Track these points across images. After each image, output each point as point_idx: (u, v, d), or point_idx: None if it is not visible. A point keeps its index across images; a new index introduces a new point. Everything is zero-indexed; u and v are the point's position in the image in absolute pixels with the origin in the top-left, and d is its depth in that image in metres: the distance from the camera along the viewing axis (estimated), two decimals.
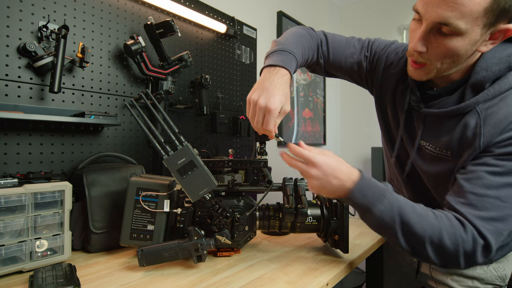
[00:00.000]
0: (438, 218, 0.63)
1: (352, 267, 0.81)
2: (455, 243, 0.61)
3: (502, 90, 0.63)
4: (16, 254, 0.71)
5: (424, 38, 0.63)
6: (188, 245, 0.74)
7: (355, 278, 2.11)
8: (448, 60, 0.64)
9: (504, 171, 0.61)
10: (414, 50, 0.65)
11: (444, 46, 0.61)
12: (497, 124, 0.62)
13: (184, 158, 0.73)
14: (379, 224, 0.65)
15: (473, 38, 0.60)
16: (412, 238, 0.63)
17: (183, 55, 1.27)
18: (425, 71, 0.68)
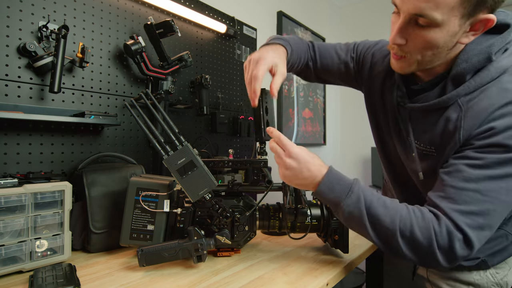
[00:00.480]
0: (410, 211, 0.62)
1: (352, 267, 0.81)
2: (427, 237, 0.59)
3: (483, 82, 0.62)
4: (16, 254, 0.71)
5: (402, 31, 0.62)
6: (188, 245, 0.74)
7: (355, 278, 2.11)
8: (428, 53, 0.63)
9: (484, 164, 0.59)
10: (393, 43, 0.65)
11: (422, 38, 0.61)
12: (476, 116, 0.61)
13: (184, 158, 0.73)
14: (349, 218, 0.65)
15: (451, 29, 0.59)
16: (382, 231, 0.62)
17: (183, 55, 1.27)
18: (406, 63, 0.67)
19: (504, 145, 0.58)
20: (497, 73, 0.62)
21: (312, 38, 2.46)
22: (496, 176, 0.59)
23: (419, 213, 0.62)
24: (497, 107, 0.60)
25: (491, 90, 0.62)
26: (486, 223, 0.59)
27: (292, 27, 2.22)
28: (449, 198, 0.61)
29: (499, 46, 0.62)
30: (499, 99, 0.60)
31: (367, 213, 0.63)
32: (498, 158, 0.58)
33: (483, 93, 0.62)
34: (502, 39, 0.62)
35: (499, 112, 0.59)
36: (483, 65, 0.63)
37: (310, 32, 2.44)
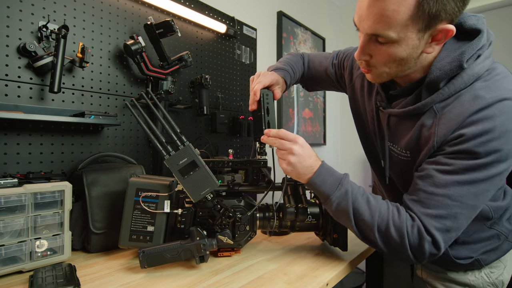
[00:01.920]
0: (390, 210, 0.67)
1: (352, 267, 0.81)
2: (400, 235, 0.64)
3: (457, 89, 0.63)
4: (16, 254, 0.71)
5: (365, 48, 0.65)
6: (190, 246, 0.74)
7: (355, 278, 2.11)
8: (393, 65, 0.65)
9: (453, 170, 0.61)
10: (358, 60, 0.68)
11: (384, 53, 0.63)
12: (449, 123, 0.62)
13: (185, 158, 0.73)
14: (336, 210, 0.70)
15: (411, 43, 0.60)
16: (362, 225, 0.68)
17: (183, 55, 1.26)
18: (375, 74, 0.70)
19: (472, 152, 0.60)
20: (470, 80, 0.62)
21: (312, 38, 2.46)
22: (464, 181, 0.61)
23: (396, 212, 0.66)
24: (469, 114, 0.60)
25: (464, 96, 0.62)
26: (454, 226, 0.62)
27: (292, 27, 2.22)
28: (421, 202, 0.64)
29: (471, 53, 0.62)
30: (471, 106, 0.61)
31: (351, 207, 0.68)
32: (466, 165, 0.60)
33: (457, 100, 0.63)
34: (473, 46, 0.62)
35: (470, 119, 0.60)
36: (455, 73, 0.63)
37: (310, 32, 2.43)
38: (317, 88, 1.13)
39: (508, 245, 0.78)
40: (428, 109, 0.66)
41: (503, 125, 0.58)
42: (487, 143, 0.59)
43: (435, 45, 0.63)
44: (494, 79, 0.62)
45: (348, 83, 0.95)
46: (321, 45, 2.61)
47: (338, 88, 1.04)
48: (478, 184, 0.61)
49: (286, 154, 0.72)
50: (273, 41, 2.08)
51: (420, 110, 0.67)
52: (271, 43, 2.05)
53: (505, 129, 0.58)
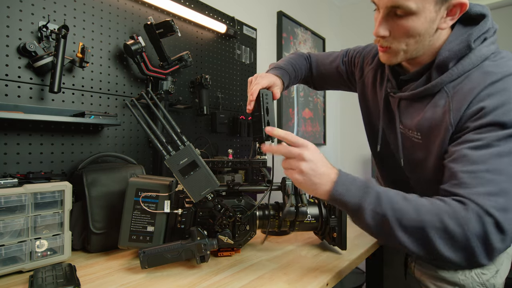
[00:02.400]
0: (434, 202, 0.58)
1: (352, 267, 0.81)
2: (459, 224, 0.54)
3: (466, 69, 0.65)
4: (16, 254, 0.71)
5: (384, 23, 0.67)
6: (191, 246, 0.74)
7: (355, 278, 2.11)
8: (411, 41, 0.66)
9: (487, 143, 0.59)
10: (376, 36, 0.69)
11: (403, 27, 0.65)
12: (463, 98, 0.63)
13: (186, 158, 0.73)
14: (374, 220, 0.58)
15: (428, 15, 0.62)
16: (410, 228, 0.56)
17: (183, 55, 1.26)
18: (392, 53, 0.70)
19: (498, 123, 0.59)
20: (478, 60, 0.65)
21: (312, 38, 2.46)
22: (502, 153, 0.57)
23: (442, 203, 0.57)
24: (482, 88, 0.62)
25: (474, 74, 0.65)
26: (509, 204, 0.55)
27: (292, 27, 2.22)
28: (464, 184, 0.58)
29: (477, 34, 0.66)
30: (482, 81, 0.62)
31: (391, 209, 0.57)
32: (497, 136, 0.58)
33: (467, 78, 0.65)
34: (479, 28, 0.66)
35: (484, 93, 0.61)
36: (464, 53, 0.66)
37: (310, 32, 2.43)
38: (327, 87, 1.12)
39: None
40: (439, 90, 0.68)
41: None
42: (509, 112, 0.58)
43: (450, 20, 0.65)
44: (500, 60, 0.65)
45: (358, 78, 0.95)
46: (321, 45, 2.61)
47: (349, 86, 1.03)
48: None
49: (296, 161, 0.62)
50: (273, 41, 2.08)
51: (430, 91, 0.69)
52: (271, 43, 2.05)
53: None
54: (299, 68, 1.02)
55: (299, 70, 1.02)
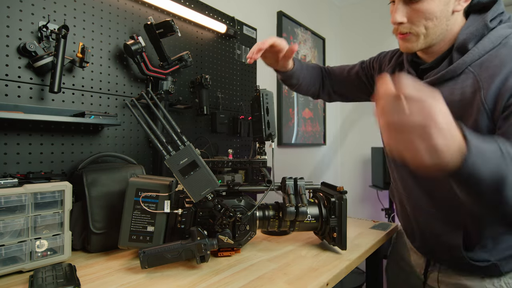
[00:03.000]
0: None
1: (352, 267, 0.81)
2: None
3: (487, 48, 0.66)
4: (16, 254, 0.71)
5: (400, 10, 0.69)
6: (191, 246, 0.74)
7: (355, 278, 2.11)
8: (429, 24, 0.68)
9: None
10: (394, 23, 0.71)
11: (419, 10, 0.67)
12: (494, 74, 0.62)
13: (186, 158, 0.73)
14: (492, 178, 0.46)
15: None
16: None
17: (183, 55, 1.26)
18: (412, 39, 0.71)
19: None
20: (498, 39, 0.65)
21: (312, 38, 2.46)
22: None
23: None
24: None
25: (501, 52, 0.64)
26: None
27: (292, 27, 2.22)
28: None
29: (493, 15, 0.67)
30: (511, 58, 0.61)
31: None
32: None
33: (493, 56, 0.65)
34: (493, 10, 0.67)
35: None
36: (482, 34, 0.67)
37: (310, 32, 2.43)
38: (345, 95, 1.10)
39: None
40: (462, 71, 0.68)
41: None
42: None
43: (464, 2, 0.67)
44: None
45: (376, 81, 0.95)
46: (321, 45, 2.61)
47: (370, 91, 1.02)
48: None
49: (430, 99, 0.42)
50: None
51: (453, 73, 0.69)
52: None
53: None
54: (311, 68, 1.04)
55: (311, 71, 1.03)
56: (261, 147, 0.95)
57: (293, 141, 2.22)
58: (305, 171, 2.42)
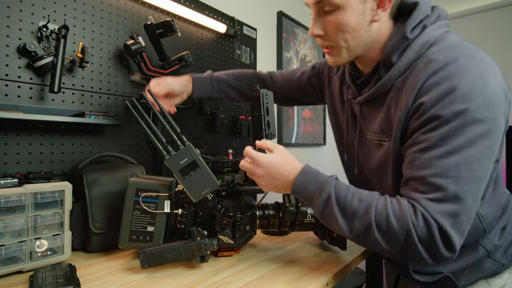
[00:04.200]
0: (387, 202, 0.58)
1: (352, 267, 0.81)
2: (404, 226, 0.55)
3: (411, 60, 0.63)
4: (16, 254, 0.71)
5: (317, 22, 0.67)
6: (191, 246, 0.74)
7: (355, 278, 2.11)
8: (347, 36, 0.65)
9: (431, 145, 0.56)
10: (312, 35, 0.69)
11: (334, 22, 0.64)
12: (408, 92, 0.60)
13: (186, 158, 0.73)
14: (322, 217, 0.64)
15: (355, 8, 0.62)
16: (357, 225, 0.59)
17: (183, 55, 1.26)
18: (336, 52, 0.69)
19: (437, 117, 0.55)
20: (422, 49, 0.62)
21: (312, 38, 2.46)
22: (447, 153, 0.55)
23: (396, 203, 0.58)
24: (425, 79, 0.58)
25: (419, 65, 0.61)
26: (460, 208, 0.54)
27: (292, 27, 2.22)
28: (415, 189, 0.57)
29: (413, 23, 0.63)
30: (426, 71, 0.59)
31: (339, 210, 0.61)
32: (440, 134, 0.55)
33: (413, 70, 0.62)
34: (413, 17, 0.64)
35: (428, 83, 0.58)
36: (403, 44, 0.64)
37: None
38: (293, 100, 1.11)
39: (491, 265, 0.69)
40: (391, 87, 0.66)
41: (462, 83, 0.54)
42: (451, 104, 0.54)
43: (381, 12, 0.64)
44: (446, 44, 0.61)
45: (327, 88, 0.94)
46: None
47: (320, 97, 1.01)
48: (463, 151, 0.54)
49: (254, 178, 0.70)
50: (273, 41, 2.08)
51: (383, 89, 0.67)
52: (271, 43, 2.05)
53: (466, 85, 0.54)
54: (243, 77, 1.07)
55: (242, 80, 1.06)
56: None
57: (293, 141, 2.22)
58: None
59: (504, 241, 0.70)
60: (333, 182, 0.64)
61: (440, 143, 0.55)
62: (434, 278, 0.69)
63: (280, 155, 0.69)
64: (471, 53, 0.58)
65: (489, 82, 0.55)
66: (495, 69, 0.59)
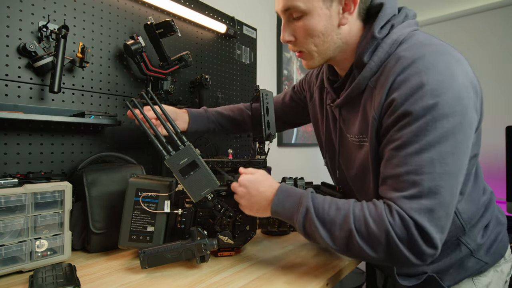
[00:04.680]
0: (364, 207, 0.59)
1: (352, 267, 0.81)
2: (383, 228, 0.55)
3: (382, 59, 0.64)
4: (16, 254, 0.71)
5: (286, 29, 0.70)
6: (191, 246, 0.74)
7: (355, 278, 2.11)
8: (316, 40, 0.67)
9: (404, 142, 0.56)
10: (284, 42, 0.72)
11: (302, 28, 0.66)
12: (380, 90, 0.62)
13: (186, 158, 0.73)
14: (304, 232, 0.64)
15: (321, 13, 0.64)
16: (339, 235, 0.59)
17: (183, 55, 1.26)
18: (308, 56, 0.71)
19: (408, 113, 0.56)
20: (391, 47, 0.63)
21: None
22: (420, 149, 0.55)
23: (372, 206, 0.59)
24: (395, 76, 0.59)
25: (389, 63, 0.63)
26: (436, 203, 0.54)
27: None
28: (391, 188, 0.58)
29: (380, 23, 0.65)
30: (395, 68, 0.60)
31: (319, 222, 0.61)
32: (412, 131, 0.56)
33: (385, 69, 0.63)
34: (380, 17, 0.65)
35: (398, 80, 0.59)
36: (372, 44, 0.65)
37: None
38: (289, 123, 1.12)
39: (475, 263, 0.69)
40: (366, 87, 0.67)
41: (431, 78, 0.55)
42: (420, 100, 0.55)
43: (348, 15, 0.65)
44: (415, 41, 0.62)
45: (309, 101, 0.96)
46: None
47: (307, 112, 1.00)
48: (437, 146, 0.54)
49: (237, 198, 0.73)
50: (273, 41, 2.08)
51: (358, 89, 0.68)
52: (271, 43, 2.05)
53: (435, 80, 0.55)
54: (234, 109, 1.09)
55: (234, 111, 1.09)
56: (261, 147, 0.95)
57: (293, 141, 2.22)
58: (305, 171, 2.42)
59: (486, 239, 0.70)
60: (310, 195, 0.64)
61: (413, 139, 0.56)
62: (419, 280, 0.69)
63: (259, 175, 0.72)
64: (439, 49, 0.59)
65: (458, 76, 0.56)
66: (463, 63, 0.59)
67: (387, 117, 0.60)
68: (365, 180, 0.71)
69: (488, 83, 2.01)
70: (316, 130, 0.95)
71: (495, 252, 0.72)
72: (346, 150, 0.78)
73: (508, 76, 1.97)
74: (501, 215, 0.77)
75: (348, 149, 0.77)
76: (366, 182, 0.71)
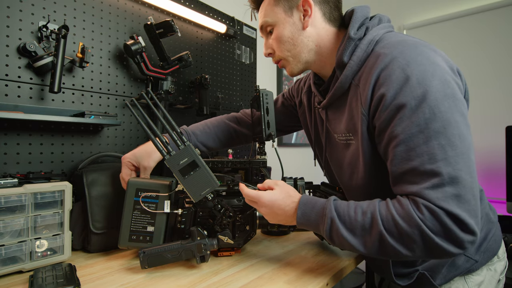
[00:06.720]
0: (389, 205, 0.57)
1: (352, 267, 0.81)
2: (414, 225, 0.53)
3: (362, 58, 0.67)
4: (16, 254, 0.71)
5: (266, 44, 0.80)
6: (191, 246, 0.74)
7: (355, 278, 2.11)
8: (288, 46, 0.75)
9: (408, 135, 0.56)
10: (266, 56, 0.81)
11: (274, 39, 0.76)
12: (365, 86, 0.64)
13: (186, 158, 0.73)
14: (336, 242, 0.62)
15: (286, 21, 0.73)
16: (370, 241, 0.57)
17: (183, 55, 1.26)
18: (287, 64, 0.78)
19: (402, 105, 0.57)
20: (369, 46, 0.67)
21: None
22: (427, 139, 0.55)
23: (397, 204, 0.57)
24: (378, 73, 0.61)
25: (369, 61, 0.66)
26: (459, 187, 0.53)
27: None
28: (409, 182, 0.56)
29: (355, 26, 0.70)
30: (377, 64, 0.62)
31: (347, 230, 0.60)
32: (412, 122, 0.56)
33: (366, 67, 0.66)
34: (353, 22, 0.70)
35: (382, 77, 0.60)
36: (350, 45, 0.69)
37: None
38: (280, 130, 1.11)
39: (465, 261, 0.70)
40: (350, 86, 0.70)
41: (415, 69, 0.57)
42: (410, 91, 0.56)
43: (308, 18, 0.72)
44: (390, 40, 0.65)
45: (298, 107, 1.00)
46: None
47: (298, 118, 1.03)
48: (442, 132, 0.54)
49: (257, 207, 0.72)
50: None
51: (342, 89, 0.72)
52: None
53: (418, 71, 0.57)
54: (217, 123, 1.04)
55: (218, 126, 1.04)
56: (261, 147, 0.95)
57: (293, 141, 2.22)
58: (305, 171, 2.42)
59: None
60: (332, 204, 0.63)
61: (416, 130, 0.56)
62: (411, 279, 0.70)
63: (280, 191, 0.70)
64: (415, 44, 0.61)
65: (438, 63, 0.59)
66: (440, 52, 0.63)
67: (379, 113, 0.60)
68: (353, 179, 0.74)
69: (488, 83, 2.01)
70: (307, 134, 0.99)
71: (486, 250, 0.72)
72: (334, 151, 0.82)
73: (508, 76, 1.97)
74: (492, 213, 0.77)
75: (336, 150, 0.80)
76: (354, 181, 0.73)
